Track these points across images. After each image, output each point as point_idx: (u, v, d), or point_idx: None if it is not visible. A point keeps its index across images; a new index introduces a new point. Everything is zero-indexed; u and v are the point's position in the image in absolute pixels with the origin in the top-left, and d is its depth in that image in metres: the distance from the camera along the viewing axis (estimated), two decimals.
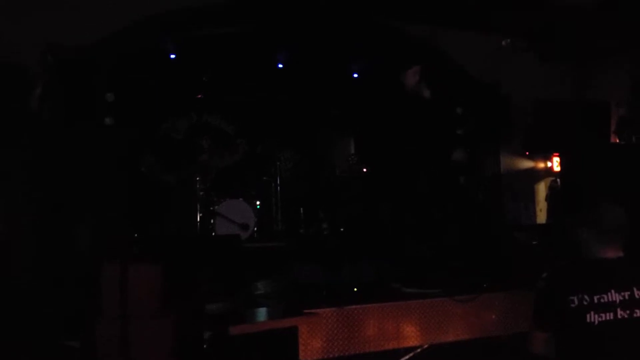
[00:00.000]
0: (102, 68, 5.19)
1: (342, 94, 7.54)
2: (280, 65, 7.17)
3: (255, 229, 6.59)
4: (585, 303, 2.33)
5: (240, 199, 6.62)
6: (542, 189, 7.05)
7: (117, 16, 5.30)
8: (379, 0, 6.09)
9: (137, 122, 6.28)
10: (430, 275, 4.71)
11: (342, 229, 6.74)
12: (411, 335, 4.25)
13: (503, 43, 6.82)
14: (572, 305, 2.34)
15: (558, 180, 6.68)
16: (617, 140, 6.47)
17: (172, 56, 6.57)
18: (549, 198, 6.79)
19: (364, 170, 7.18)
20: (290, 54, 7.04)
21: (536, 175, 7.06)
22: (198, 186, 6.51)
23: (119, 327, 3.31)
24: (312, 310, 3.99)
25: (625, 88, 6.89)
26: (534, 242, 5.20)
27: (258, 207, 6.86)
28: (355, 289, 4.63)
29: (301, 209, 7.06)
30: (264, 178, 7.16)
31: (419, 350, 4.19)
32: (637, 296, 2.35)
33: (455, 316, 4.38)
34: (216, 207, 6.43)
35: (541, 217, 6.85)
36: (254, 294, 4.58)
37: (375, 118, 7.34)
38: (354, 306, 4.15)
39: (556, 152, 6.76)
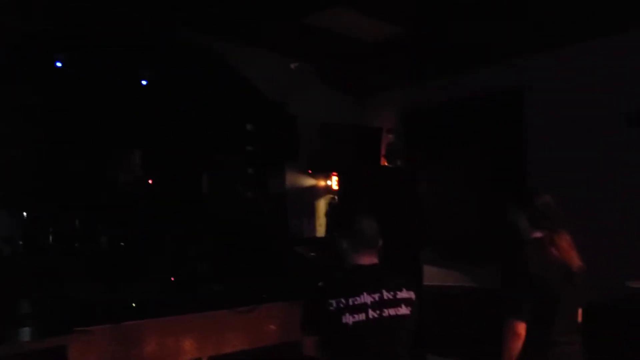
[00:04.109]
0: None
1: (128, 101, 7.15)
2: (59, 64, 6.56)
3: (21, 242, 5.87)
4: (341, 306, 2.56)
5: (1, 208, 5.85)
6: (322, 205, 7.56)
7: None
8: (171, 11, 5.99)
9: None
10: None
11: (122, 244, 6.36)
12: (191, 349, 4.18)
13: (292, 66, 7.18)
14: (331, 309, 2.56)
15: (336, 197, 7.26)
16: (386, 163, 7.29)
17: None
18: (327, 214, 7.32)
19: (150, 182, 6.89)
20: (69, 54, 6.46)
21: (317, 193, 7.55)
22: None
23: None
24: (85, 328, 3.71)
25: (394, 118, 7.79)
26: (313, 254, 5.54)
27: (25, 218, 6.13)
28: (133, 305, 4.41)
29: (77, 221, 6.48)
30: (34, 185, 6.40)
31: None
32: (385, 297, 2.64)
33: (235, 327, 4.44)
34: None
35: (321, 231, 7.34)
36: (17, 314, 4.09)
37: (162, 129, 7.13)
38: (131, 322, 3.96)
39: (335, 172, 7.34)
